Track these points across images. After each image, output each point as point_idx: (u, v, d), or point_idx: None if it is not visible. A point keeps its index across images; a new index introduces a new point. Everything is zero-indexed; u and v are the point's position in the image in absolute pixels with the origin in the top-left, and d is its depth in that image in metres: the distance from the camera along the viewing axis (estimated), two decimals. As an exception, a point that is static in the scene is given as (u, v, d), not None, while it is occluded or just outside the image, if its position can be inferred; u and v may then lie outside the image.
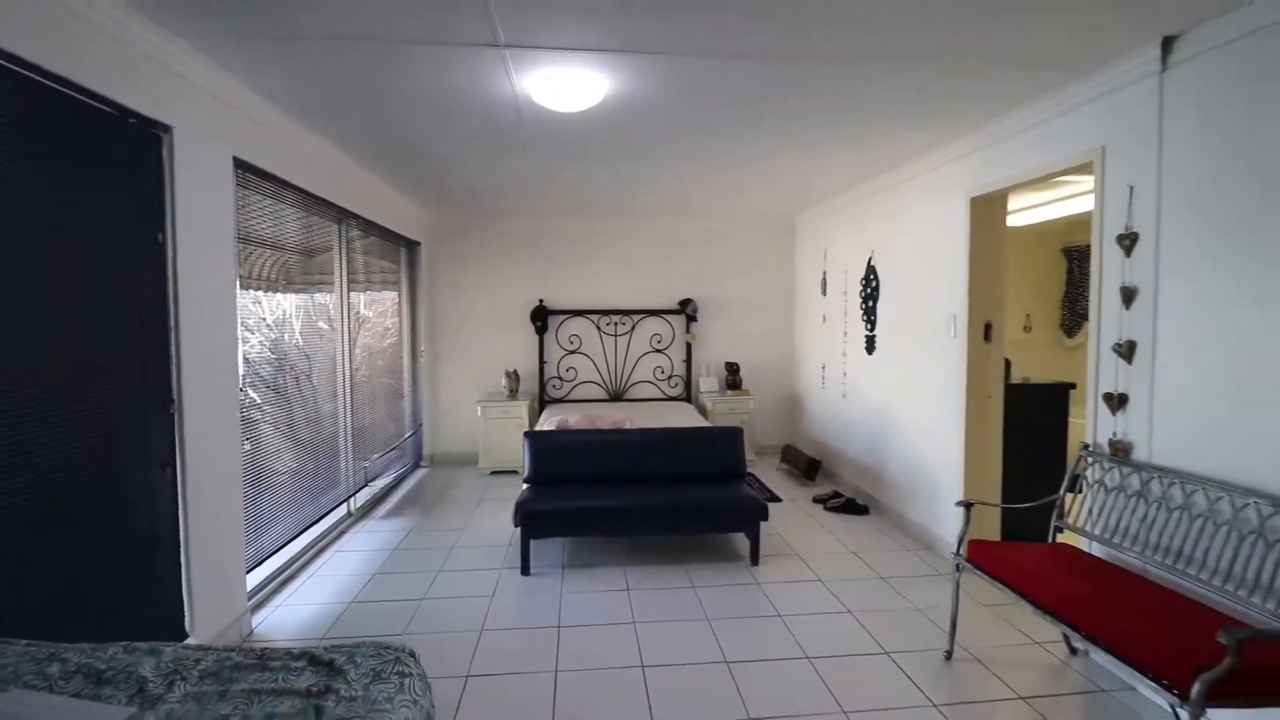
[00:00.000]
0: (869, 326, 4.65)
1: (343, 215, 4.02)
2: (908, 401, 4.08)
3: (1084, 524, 2.52)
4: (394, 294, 5.27)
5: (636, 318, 6.09)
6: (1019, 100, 2.89)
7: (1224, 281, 2.09)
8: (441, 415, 6.03)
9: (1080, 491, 2.58)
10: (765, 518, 3.47)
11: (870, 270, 4.65)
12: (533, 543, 3.47)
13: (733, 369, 5.96)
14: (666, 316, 6.11)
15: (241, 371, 2.83)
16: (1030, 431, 3.62)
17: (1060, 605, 2.02)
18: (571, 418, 4.73)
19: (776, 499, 4.74)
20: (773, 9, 2.03)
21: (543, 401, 5.97)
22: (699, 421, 5.13)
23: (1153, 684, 1.67)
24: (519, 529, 3.44)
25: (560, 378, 6.05)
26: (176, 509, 2.32)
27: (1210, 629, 1.64)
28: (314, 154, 3.47)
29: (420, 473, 5.67)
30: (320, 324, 3.82)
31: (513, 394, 5.66)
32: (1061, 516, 2.61)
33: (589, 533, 3.59)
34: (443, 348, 6.01)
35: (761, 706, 2.25)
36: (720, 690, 2.35)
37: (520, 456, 5.36)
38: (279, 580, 3.29)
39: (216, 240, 2.58)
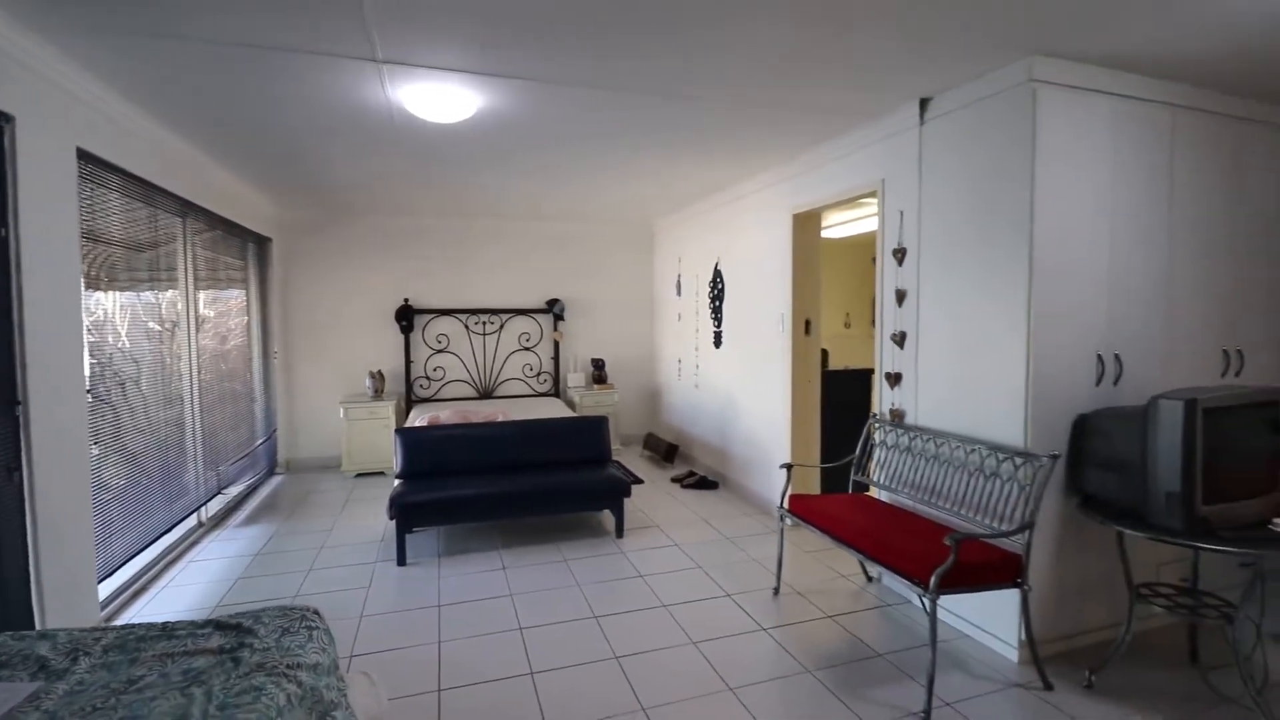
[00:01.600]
0: (717, 324, 5.24)
1: (187, 209, 3.84)
2: (748, 388, 4.70)
3: (875, 476, 3.19)
4: (241, 292, 5.01)
5: (505, 317, 6.27)
6: (825, 138, 3.53)
7: (957, 284, 2.79)
8: (299, 419, 5.80)
9: (870, 452, 3.24)
10: (628, 495, 3.88)
11: (717, 274, 5.24)
12: (408, 536, 3.59)
13: (598, 365, 6.35)
14: (535, 315, 6.36)
15: (88, 372, 2.70)
16: (843, 408, 4.36)
17: (851, 537, 2.61)
18: (443, 414, 4.84)
19: (639, 481, 5.19)
20: (633, 57, 2.41)
21: (410, 401, 5.96)
22: (568, 415, 5.44)
23: (908, 582, 2.27)
24: (394, 522, 3.54)
25: (428, 377, 6.07)
26: (24, 516, 2.22)
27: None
28: (161, 146, 3.32)
29: (276, 480, 5.43)
30: (158, 323, 3.63)
31: (378, 394, 5.61)
32: (860, 472, 3.27)
33: (465, 519, 3.76)
34: (300, 349, 5.79)
35: (625, 646, 2.63)
36: (590, 639, 2.70)
37: (389, 457, 5.37)
38: (131, 591, 3.13)
39: (60, 234, 2.46)
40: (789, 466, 3.20)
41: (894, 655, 2.56)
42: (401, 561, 3.51)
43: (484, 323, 6.22)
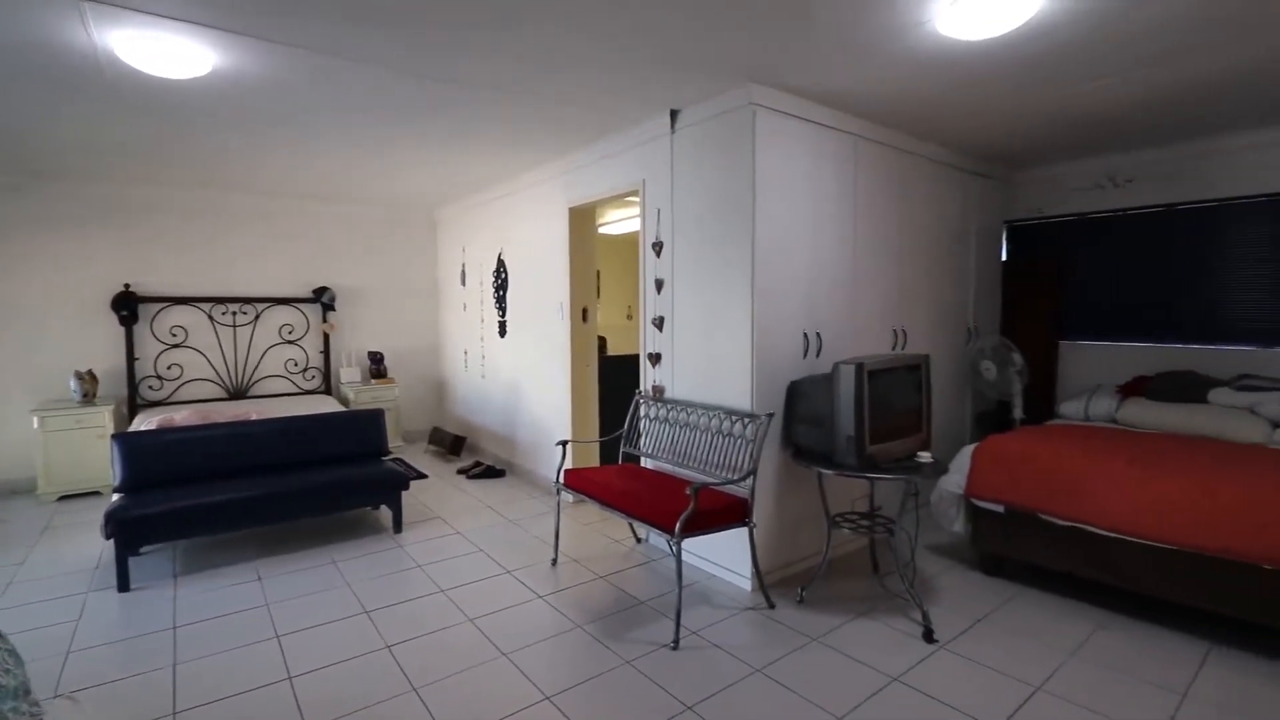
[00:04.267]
0: (501, 313, 5.29)
1: None
2: (532, 375, 4.83)
3: (641, 446, 3.52)
4: None
5: (262, 306, 5.61)
6: (595, 137, 3.78)
7: (703, 273, 3.21)
8: (-33, 434, 4.59)
9: (637, 426, 3.58)
10: (405, 488, 3.77)
11: (501, 264, 5.29)
12: (135, 558, 3.09)
13: (376, 358, 5.99)
14: (300, 305, 5.78)
15: None
16: (620, 391, 4.69)
17: (614, 499, 2.88)
18: (178, 416, 4.21)
19: (422, 475, 5.04)
20: (395, 40, 2.36)
21: (134, 405, 5.05)
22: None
23: (660, 531, 2.59)
24: (112, 542, 3.02)
25: (160, 377, 5.19)
26: None
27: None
28: None
29: (-68, 512, 4.25)
30: None
31: (88, 398, 4.67)
32: (629, 444, 3.58)
33: (208, 531, 3.34)
34: (-35, 345, 4.58)
35: (398, 635, 2.59)
36: (359, 635, 2.61)
37: (106, 472, 4.50)
38: None
39: None
40: (564, 443, 3.40)
41: (654, 601, 2.88)
42: (124, 587, 3.01)
43: (235, 313, 5.50)
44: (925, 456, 2.81)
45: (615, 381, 4.66)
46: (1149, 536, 2.54)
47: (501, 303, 5.28)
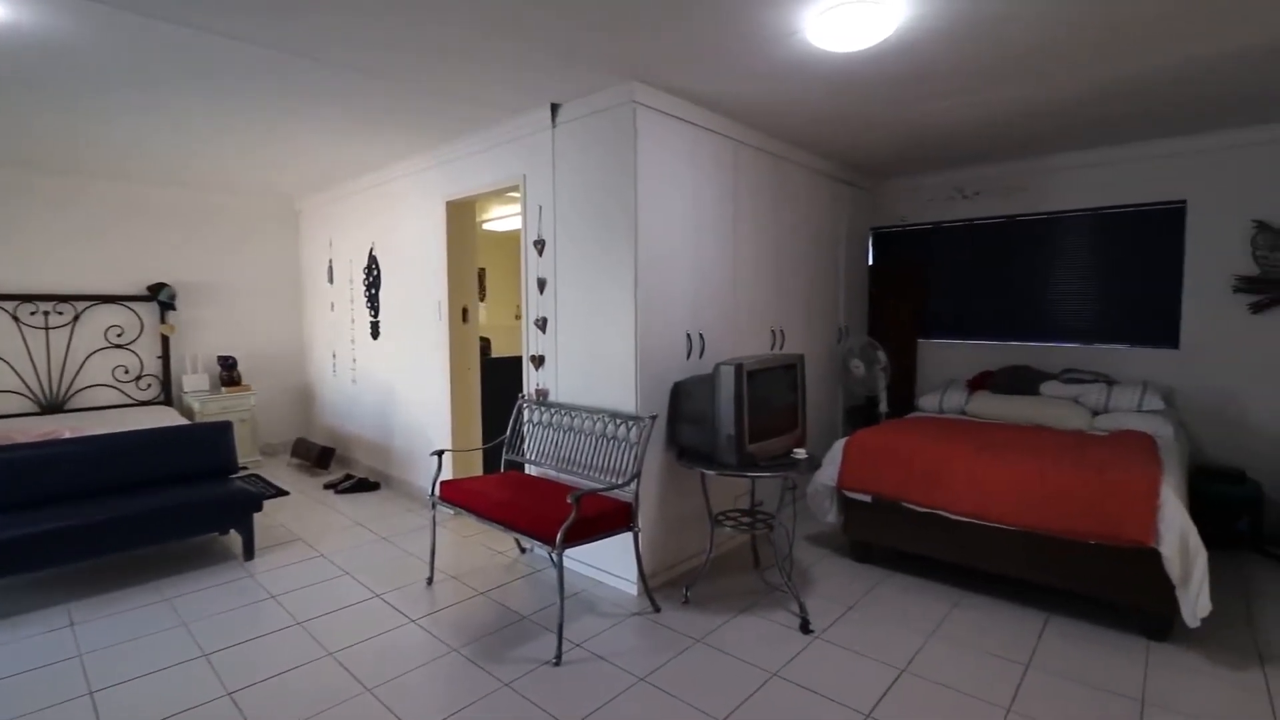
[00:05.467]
0: (374, 313, 4.92)
1: None
2: (408, 379, 4.53)
3: (525, 452, 3.38)
4: None
5: (82, 306, 4.84)
6: (473, 127, 3.58)
7: (586, 273, 3.13)
8: None
9: (521, 431, 3.43)
10: (258, 508, 3.38)
11: (372, 260, 4.91)
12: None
13: (228, 363, 5.37)
14: (131, 304, 5.05)
15: None
16: (504, 394, 4.50)
17: (492, 510, 2.73)
18: (-35, 437, 3.52)
19: (282, 493, 4.58)
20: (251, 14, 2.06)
21: (-92, 424, 4.18)
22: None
23: (540, 542, 2.47)
24: None
25: (-57, 389, 4.34)
26: None
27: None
28: None
29: None
30: None
31: None
32: (512, 451, 3.42)
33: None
34: None
35: (241, 679, 2.29)
36: (193, 683, 2.27)
37: None
38: None
39: None
40: (440, 453, 3.18)
41: (538, 615, 2.76)
42: (-122, 650, 2.45)
43: (47, 314, 4.71)
44: (801, 453, 2.90)
45: (500, 385, 4.46)
46: (994, 519, 2.77)
47: (374, 302, 4.91)
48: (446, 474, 4.02)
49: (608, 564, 3.05)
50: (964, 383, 4.39)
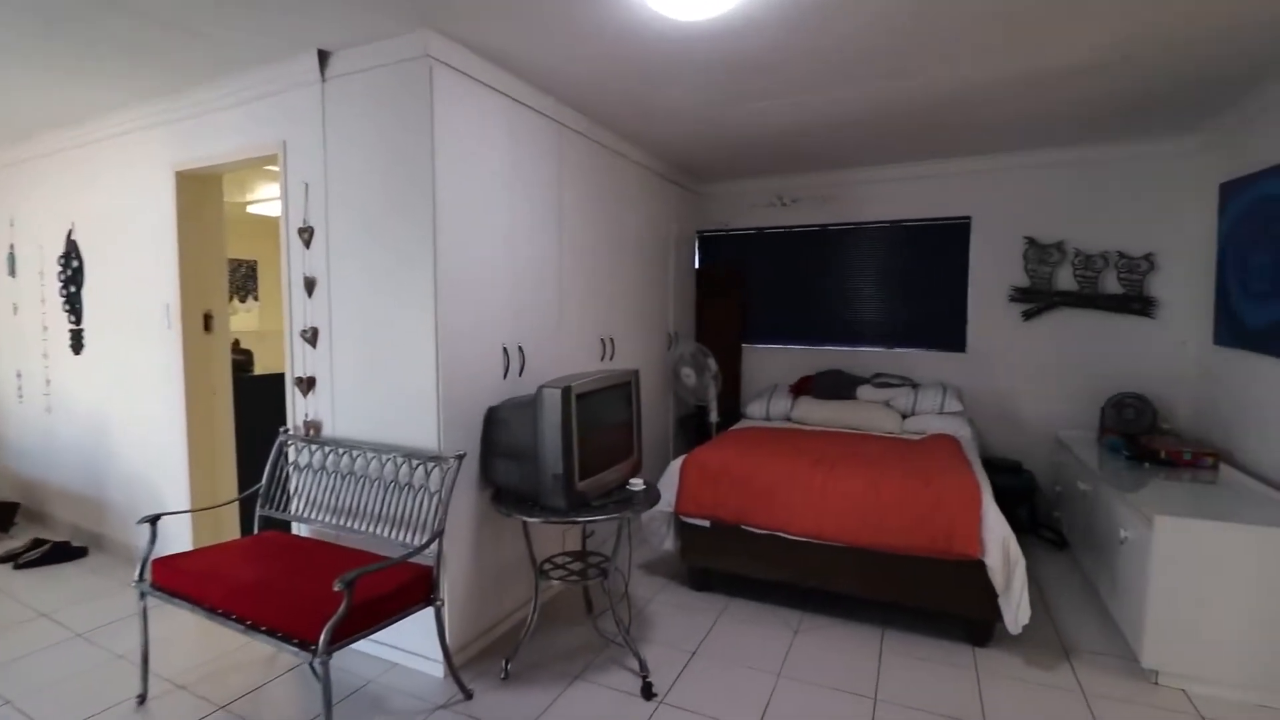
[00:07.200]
0: (74, 319, 3.65)
1: None
2: (126, 408, 3.40)
3: (290, 506, 2.59)
4: None
5: None
6: (210, 75, 2.68)
7: (369, 271, 2.46)
8: None
9: (284, 477, 2.64)
10: None
11: (72, 247, 3.64)
12: None
13: None
14: None
15: None
16: (274, 422, 3.57)
17: (229, 600, 1.96)
18: None
19: (-83, 577, 3.19)
20: None
21: None
22: None
23: (292, 648, 1.79)
24: None
25: None
26: None
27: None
28: None
29: None
30: None
31: None
32: (269, 505, 2.61)
33: None
34: None
35: None
36: None
37: None
38: None
39: None
40: (154, 520, 2.26)
41: (304, 729, 2.06)
42: None
43: None
44: (638, 483, 2.54)
45: (268, 411, 3.51)
46: (830, 538, 2.66)
47: (74, 304, 3.64)
48: (181, 542, 3.06)
49: (404, 641, 2.41)
50: (786, 388, 4.40)
